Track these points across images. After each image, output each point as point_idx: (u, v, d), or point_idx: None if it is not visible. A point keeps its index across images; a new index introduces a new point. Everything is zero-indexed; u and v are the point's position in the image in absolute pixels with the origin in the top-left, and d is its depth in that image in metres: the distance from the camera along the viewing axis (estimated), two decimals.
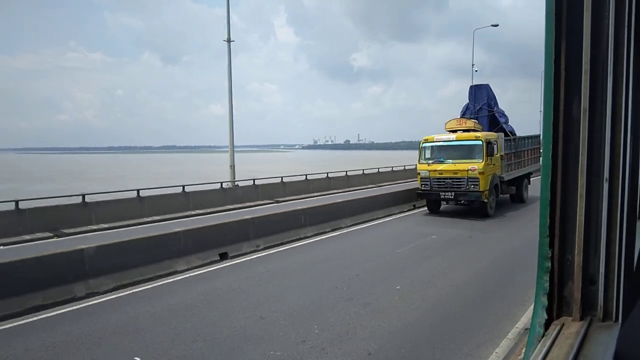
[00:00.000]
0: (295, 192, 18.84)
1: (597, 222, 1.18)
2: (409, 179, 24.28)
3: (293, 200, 17.83)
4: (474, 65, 31.39)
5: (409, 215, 14.15)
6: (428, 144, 13.83)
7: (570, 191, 1.21)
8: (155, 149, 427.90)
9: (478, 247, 9.51)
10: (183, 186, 14.77)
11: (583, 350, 1.08)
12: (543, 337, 1.22)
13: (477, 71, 33.08)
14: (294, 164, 68.62)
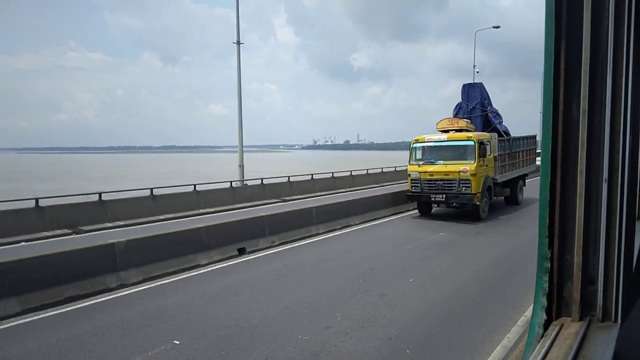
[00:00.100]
0: (301, 192, 19.25)
1: (596, 223, 1.19)
2: None
3: (300, 199, 18.24)
4: (476, 66, 31.78)
5: (415, 213, 14.52)
6: (419, 144, 13.42)
7: (569, 191, 1.21)
8: (154, 149, 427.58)
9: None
10: (194, 185, 15.18)
11: (582, 350, 1.08)
12: (542, 338, 1.21)
13: (479, 72, 33.38)
14: (294, 164, 68.95)
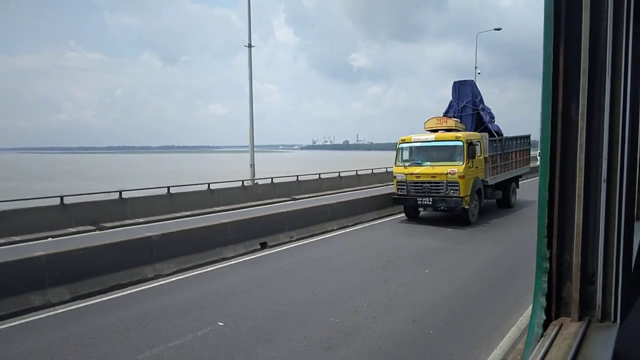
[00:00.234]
0: (309, 190, 19.79)
1: (595, 223, 1.18)
2: None
3: (308, 197, 18.77)
4: (477, 67, 32.18)
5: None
6: (405, 145, 12.75)
7: (568, 192, 1.20)
8: (154, 149, 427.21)
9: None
10: (208, 184, 15.70)
11: (581, 350, 1.08)
12: (542, 338, 1.21)
13: (480, 73, 33.82)
14: (295, 164, 69.42)
